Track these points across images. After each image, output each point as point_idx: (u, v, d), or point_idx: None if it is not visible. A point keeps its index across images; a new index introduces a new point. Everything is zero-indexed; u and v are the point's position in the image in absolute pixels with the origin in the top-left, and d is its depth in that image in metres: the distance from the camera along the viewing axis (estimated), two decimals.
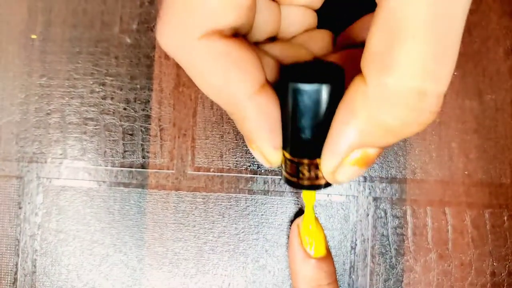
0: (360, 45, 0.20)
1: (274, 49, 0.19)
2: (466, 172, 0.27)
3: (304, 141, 0.18)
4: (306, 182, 0.19)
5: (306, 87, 0.16)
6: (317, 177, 0.19)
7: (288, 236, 0.26)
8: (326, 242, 0.25)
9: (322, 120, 0.17)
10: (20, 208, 0.28)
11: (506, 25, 0.27)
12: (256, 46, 0.19)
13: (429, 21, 0.13)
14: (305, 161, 0.19)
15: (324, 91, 0.16)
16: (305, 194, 0.23)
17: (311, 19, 0.21)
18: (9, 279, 0.28)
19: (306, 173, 0.19)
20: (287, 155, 0.19)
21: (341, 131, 0.16)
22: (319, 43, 0.21)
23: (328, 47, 0.21)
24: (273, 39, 0.21)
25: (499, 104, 0.27)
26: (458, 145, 0.27)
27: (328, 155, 0.17)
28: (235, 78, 0.16)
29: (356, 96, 0.15)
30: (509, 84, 0.27)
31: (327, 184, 0.19)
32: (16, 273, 0.28)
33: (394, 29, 0.13)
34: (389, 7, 0.13)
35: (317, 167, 0.19)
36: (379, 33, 0.14)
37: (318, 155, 0.18)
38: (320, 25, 0.22)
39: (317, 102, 0.17)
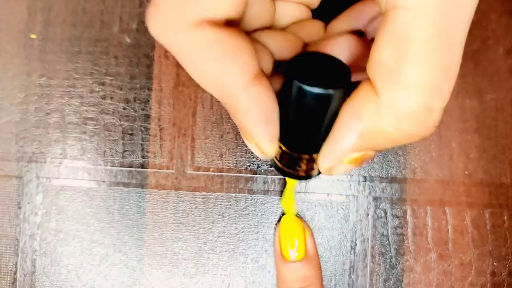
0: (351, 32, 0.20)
1: (264, 36, 0.19)
2: (466, 172, 0.27)
3: (305, 138, 0.18)
4: (301, 173, 0.20)
5: (314, 90, 0.16)
6: (312, 169, 0.19)
7: None
8: (308, 246, 0.25)
9: (325, 120, 0.17)
10: (19, 208, 0.28)
11: (506, 24, 0.27)
12: (247, 34, 0.19)
13: (436, 37, 0.13)
14: (304, 156, 0.19)
15: (332, 96, 0.16)
16: (290, 180, 0.24)
17: (306, 16, 0.21)
18: (8, 279, 0.28)
19: (304, 166, 0.19)
20: (284, 148, 0.19)
21: (344, 134, 0.16)
22: (310, 31, 0.21)
23: (319, 35, 0.21)
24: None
25: (499, 103, 0.27)
26: (458, 144, 0.27)
27: (328, 154, 0.17)
28: (229, 67, 0.15)
29: (365, 104, 0.15)
30: (509, 84, 0.27)
31: (319, 173, 0.20)
32: (15, 273, 0.28)
33: (403, 45, 0.14)
34: (397, 23, 0.14)
35: (314, 160, 0.19)
36: (388, 46, 0.14)
37: (317, 150, 0.18)
38: None
39: (323, 105, 0.16)
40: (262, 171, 0.27)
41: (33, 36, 0.28)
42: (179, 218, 0.27)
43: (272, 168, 0.27)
